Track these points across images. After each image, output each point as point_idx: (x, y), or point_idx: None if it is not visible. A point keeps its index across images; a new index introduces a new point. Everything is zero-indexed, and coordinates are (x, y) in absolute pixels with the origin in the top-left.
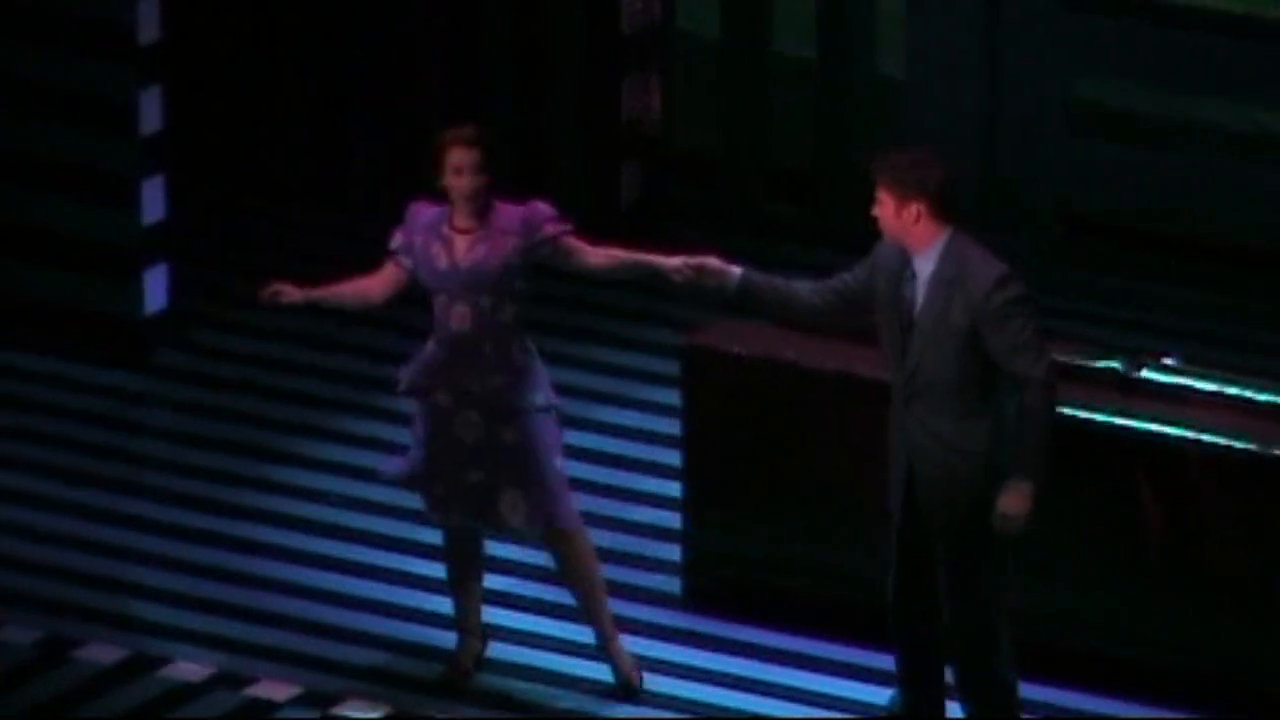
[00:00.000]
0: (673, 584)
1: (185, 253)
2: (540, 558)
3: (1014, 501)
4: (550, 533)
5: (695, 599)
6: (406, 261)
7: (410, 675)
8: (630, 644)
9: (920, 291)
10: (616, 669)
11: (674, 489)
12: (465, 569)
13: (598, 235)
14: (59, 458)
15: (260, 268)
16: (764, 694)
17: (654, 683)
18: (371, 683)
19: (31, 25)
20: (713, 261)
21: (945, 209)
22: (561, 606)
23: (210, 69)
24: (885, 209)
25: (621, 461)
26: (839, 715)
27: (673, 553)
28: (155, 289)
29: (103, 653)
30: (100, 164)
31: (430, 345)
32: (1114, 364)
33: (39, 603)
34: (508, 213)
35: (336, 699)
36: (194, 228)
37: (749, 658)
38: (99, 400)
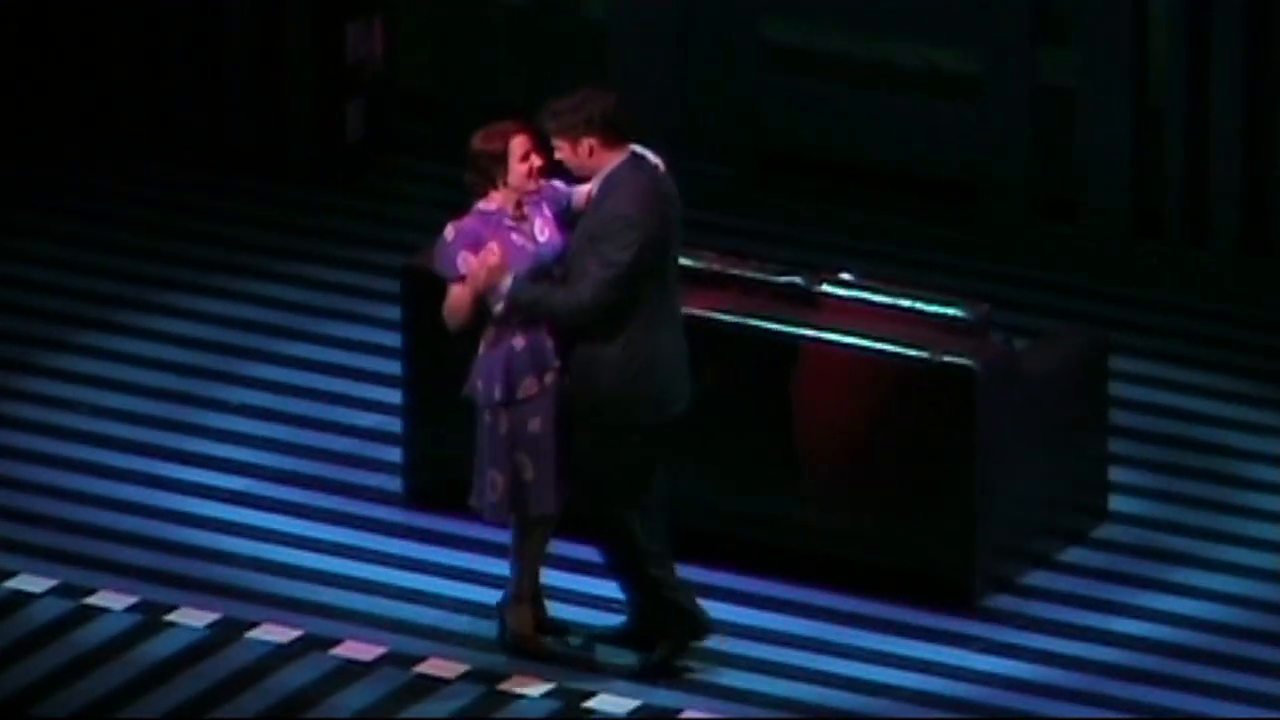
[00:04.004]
0: (394, 483)
1: None
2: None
3: (492, 264)
4: None
5: (415, 497)
6: None
7: (162, 570)
8: (355, 538)
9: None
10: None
11: (395, 396)
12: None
13: (326, 168)
14: None
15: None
16: (477, 583)
17: (377, 573)
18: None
19: None
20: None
21: (615, 135)
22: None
23: None
24: (564, 152)
25: (347, 371)
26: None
27: (394, 455)
28: None
29: None
30: None
31: (519, 347)
32: (797, 279)
33: None
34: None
35: (91, 591)
36: None
37: (463, 550)
38: None
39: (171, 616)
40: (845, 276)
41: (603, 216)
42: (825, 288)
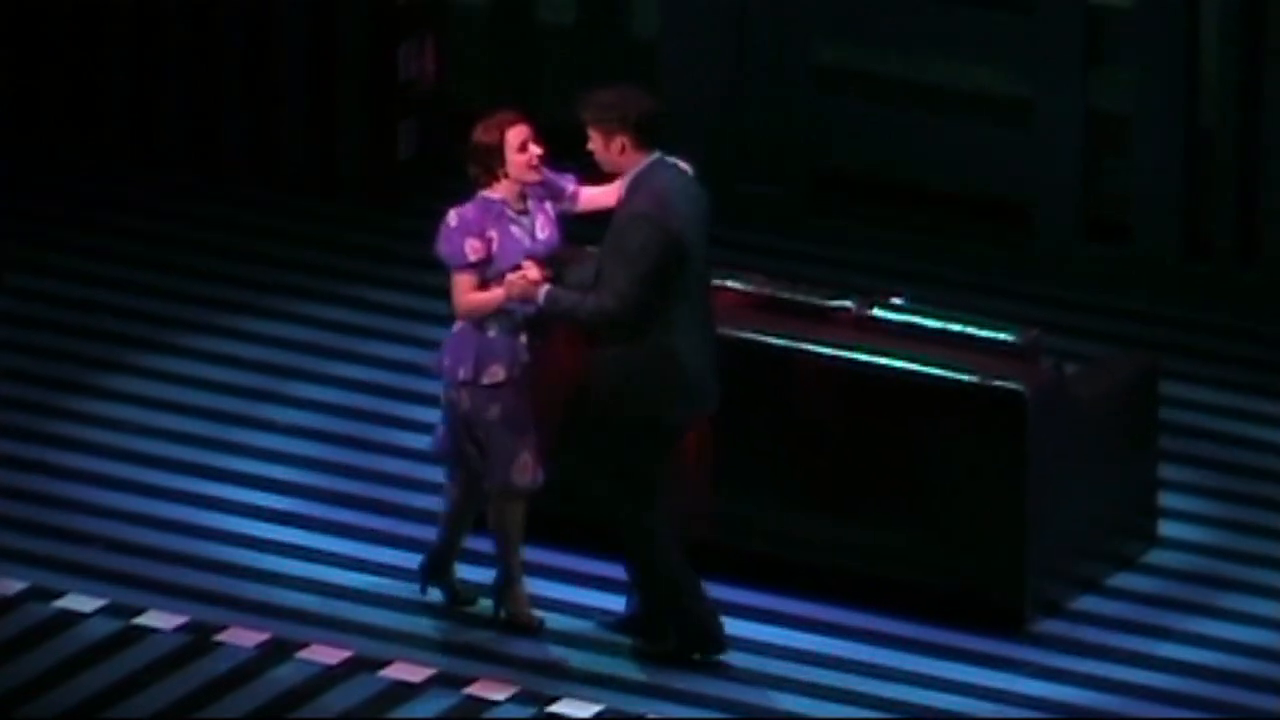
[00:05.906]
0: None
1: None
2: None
3: (530, 281)
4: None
5: None
6: (487, 271)
7: (212, 590)
8: (405, 559)
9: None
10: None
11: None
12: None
13: (377, 185)
14: None
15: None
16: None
17: (427, 594)
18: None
19: None
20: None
21: (645, 139)
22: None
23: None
24: (595, 144)
25: (396, 392)
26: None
27: (442, 476)
28: None
29: None
30: None
31: (492, 334)
32: (848, 303)
33: None
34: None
35: (140, 611)
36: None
37: None
38: None
39: (220, 637)
40: (896, 301)
41: (625, 215)
42: (876, 311)
